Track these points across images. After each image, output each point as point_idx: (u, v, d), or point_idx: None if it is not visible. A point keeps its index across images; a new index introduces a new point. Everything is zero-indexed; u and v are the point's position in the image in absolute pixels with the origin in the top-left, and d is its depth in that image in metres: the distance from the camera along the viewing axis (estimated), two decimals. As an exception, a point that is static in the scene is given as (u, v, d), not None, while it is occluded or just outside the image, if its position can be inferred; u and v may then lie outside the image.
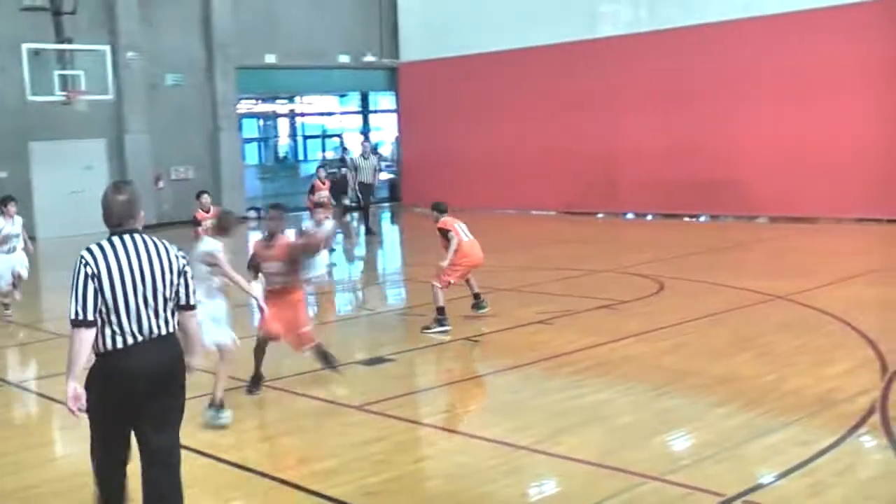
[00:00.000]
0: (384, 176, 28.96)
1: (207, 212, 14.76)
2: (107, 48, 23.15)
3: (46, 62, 22.31)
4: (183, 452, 5.39)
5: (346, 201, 22.87)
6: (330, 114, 33.63)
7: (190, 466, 5.69)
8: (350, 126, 32.92)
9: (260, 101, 31.74)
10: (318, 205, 15.85)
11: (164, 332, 5.08)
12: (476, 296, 12.34)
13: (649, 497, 6.25)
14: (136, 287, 4.97)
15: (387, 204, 30.23)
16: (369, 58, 29.90)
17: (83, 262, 4.94)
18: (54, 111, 22.64)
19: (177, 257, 5.17)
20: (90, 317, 4.90)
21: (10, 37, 22.44)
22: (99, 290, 4.91)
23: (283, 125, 34.06)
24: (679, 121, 22.34)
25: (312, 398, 8.94)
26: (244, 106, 29.91)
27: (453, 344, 11.13)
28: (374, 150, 26.29)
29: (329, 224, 14.01)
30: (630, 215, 24.09)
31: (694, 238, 20.12)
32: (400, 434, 7.93)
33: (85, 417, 5.10)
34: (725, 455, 6.97)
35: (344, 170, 23.67)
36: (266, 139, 33.57)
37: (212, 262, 8.08)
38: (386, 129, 32.69)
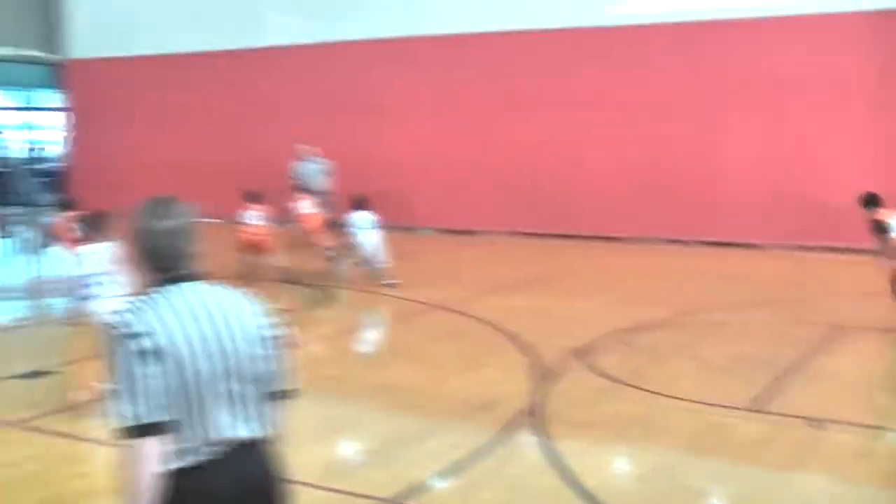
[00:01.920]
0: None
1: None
2: None
3: None
4: None
5: None
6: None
7: None
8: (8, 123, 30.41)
9: None
10: None
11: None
12: None
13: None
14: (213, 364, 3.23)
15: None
16: (31, 52, 27.63)
17: (130, 329, 3.12)
18: None
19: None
20: (160, 417, 3.10)
21: None
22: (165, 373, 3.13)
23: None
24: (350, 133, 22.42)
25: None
26: None
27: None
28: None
29: None
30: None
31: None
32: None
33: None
34: (382, 460, 7.04)
35: None
36: None
37: None
38: (53, 129, 30.27)
